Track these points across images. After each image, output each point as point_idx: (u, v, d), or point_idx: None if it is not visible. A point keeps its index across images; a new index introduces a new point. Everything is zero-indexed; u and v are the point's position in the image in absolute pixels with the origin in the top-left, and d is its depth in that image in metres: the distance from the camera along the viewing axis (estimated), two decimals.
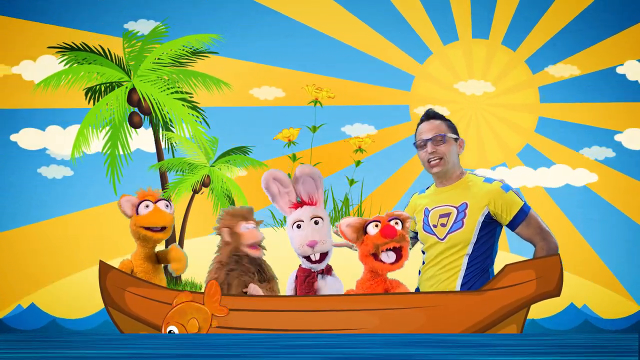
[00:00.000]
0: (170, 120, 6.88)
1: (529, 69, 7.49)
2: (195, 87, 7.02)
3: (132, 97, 6.91)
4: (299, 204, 3.49)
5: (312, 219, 3.45)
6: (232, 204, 6.87)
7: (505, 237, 3.84)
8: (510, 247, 6.24)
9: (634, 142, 7.31)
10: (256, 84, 7.42)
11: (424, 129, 3.78)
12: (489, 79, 7.52)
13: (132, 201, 3.62)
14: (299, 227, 3.45)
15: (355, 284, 3.44)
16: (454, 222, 3.68)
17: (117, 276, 3.42)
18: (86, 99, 6.92)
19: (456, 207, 3.70)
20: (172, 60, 7.03)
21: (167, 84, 6.94)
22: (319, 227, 3.45)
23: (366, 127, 7.40)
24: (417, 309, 3.24)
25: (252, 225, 3.56)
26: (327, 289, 3.46)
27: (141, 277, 3.52)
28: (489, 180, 3.74)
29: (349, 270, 3.53)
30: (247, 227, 3.54)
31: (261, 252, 3.55)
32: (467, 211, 3.68)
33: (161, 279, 3.73)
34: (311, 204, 3.49)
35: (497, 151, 7.47)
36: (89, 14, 7.29)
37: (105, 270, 3.43)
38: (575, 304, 6.81)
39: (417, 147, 3.79)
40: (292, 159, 6.72)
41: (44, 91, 6.85)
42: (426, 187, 3.92)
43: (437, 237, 3.71)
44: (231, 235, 3.51)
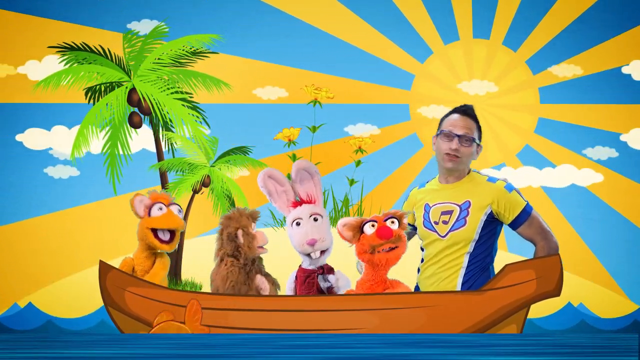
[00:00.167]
0: (170, 120, 6.89)
1: (529, 69, 7.49)
2: (195, 88, 7.02)
3: (132, 97, 6.91)
4: (297, 203, 3.49)
5: (311, 216, 3.45)
6: (232, 204, 6.87)
7: (504, 236, 3.83)
8: (508, 246, 6.24)
9: (638, 143, 7.31)
10: (257, 82, 7.41)
11: (459, 123, 3.72)
12: (489, 79, 7.51)
13: (145, 202, 3.59)
14: (298, 224, 3.45)
15: (355, 284, 3.43)
16: (457, 220, 3.66)
17: (117, 276, 3.41)
18: (86, 98, 6.93)
19: (459, 205, 3.68)
20: (172, 60, 7.03)
21: (167, 84, 6.94)
22: (318, 224, 3.45)
23: (369, 127, 7.39)
24: (417, 309, 3.24)
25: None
26: (341, 281, 3.45)
27: (142, 276, 3.52)
28: (492, 179, 3.73)
29: (349, 270, 3.52)
30: (256, 229, 3.54)
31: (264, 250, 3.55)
32: (470, 209, 3.66)
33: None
34: (310, 203, 3.49)
35: (496, 151, 7.47)
36: (89, 13, 7.29)
37: (105, 270, 3.42)
38: (572, 303, 6.81)
39: (442, 135, 3.71)
40: (292, 159, 6.72)
41: (44, 91, 6.85)
42: (426, 182, 3.88)
43: (438, 234, 3.69)
44: (244, 235, 3.47)
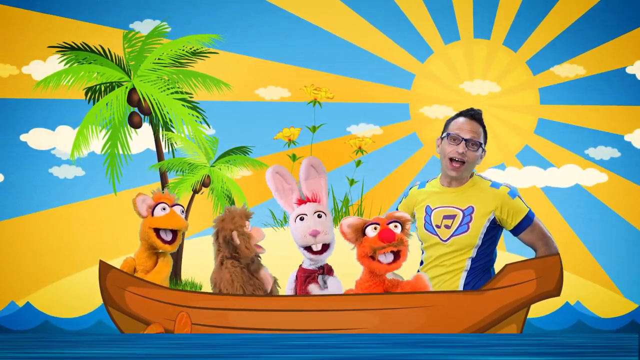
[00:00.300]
0: (170, 120, 6.89)
1: (529, 69, 7.49)
2: (195, 88, 7.02)
3: (132, 97, 6.91)
4: (302, 201, 3.49)
5: (315, 212, 3.45)
6: (232, 204, 6.87)
7: (502, 236, 3.83)
8: (507, 246, 6.24)
9: None
10: (258, 81, 7.40)
11: (466, 127, 3.68)
12: (489, 79, 7.51)
13: (148, 202, 3.57)
14: (302, 219, 3.45)
15: (354, 284, 3.43)
16: (459, 225, 3.65)
17: (117, 276, 3.41)
18: (86, 98, 6.93)
19: (462, 210, 3.66)
20: (173, 60, 7.03)
21: (167, 84, 6.94)
22: (322, 220, 3.44)
23: (371, 127, 7.37)
24: (417, 309, 3.23)
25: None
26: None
27: (143, 276, 3.51)
28: (495, 184, 3.71)
29: (349, 270, 3.51)
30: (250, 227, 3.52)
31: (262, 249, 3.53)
32: (473, 215, 3.65)
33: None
34: (315, 202, 3.49)
35: (496, 151, 7.47)
36: (89, 13, 7.28)
37: (105, 270, 3.42)
38: (569, 302, 6.81)
39: (449, 138, 3.67)
40: (292, 159, 6.72)
41: (44, 91, 6.85)
42: (426, 181, 3.84)
43: (440, 238, 3.67)
44: (240, 236, 3.46)
